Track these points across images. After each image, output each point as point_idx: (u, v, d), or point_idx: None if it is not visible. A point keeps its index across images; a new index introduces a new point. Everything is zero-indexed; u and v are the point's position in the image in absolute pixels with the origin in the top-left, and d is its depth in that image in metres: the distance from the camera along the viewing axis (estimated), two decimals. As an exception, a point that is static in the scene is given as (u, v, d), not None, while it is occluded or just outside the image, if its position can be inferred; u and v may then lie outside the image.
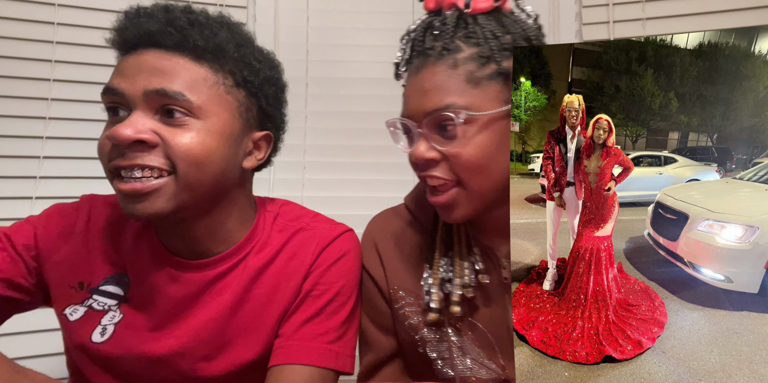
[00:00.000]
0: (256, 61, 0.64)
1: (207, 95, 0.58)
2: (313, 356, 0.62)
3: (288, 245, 0.69)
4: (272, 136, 0.69)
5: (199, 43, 0.58)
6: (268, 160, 0.72)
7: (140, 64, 0.57)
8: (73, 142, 1.11)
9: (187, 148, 0.56)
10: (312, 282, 0.66)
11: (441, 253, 0.65)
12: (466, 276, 0.63)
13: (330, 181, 1.22)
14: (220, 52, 0.60)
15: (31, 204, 1.07)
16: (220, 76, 0.60)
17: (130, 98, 0.56)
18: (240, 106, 0.62)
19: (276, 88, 0.68)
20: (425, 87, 0.56)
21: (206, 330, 0.63)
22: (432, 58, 0.57)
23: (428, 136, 0.57)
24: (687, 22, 1.15)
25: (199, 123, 0.58)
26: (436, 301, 0.62)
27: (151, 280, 0.64)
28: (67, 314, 0.63)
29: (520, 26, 0.59)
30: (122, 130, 0.54)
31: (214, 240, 0.65)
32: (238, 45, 0.62)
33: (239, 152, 0.64)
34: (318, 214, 0.76)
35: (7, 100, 1.08)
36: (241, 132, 0.63)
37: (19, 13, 1.09)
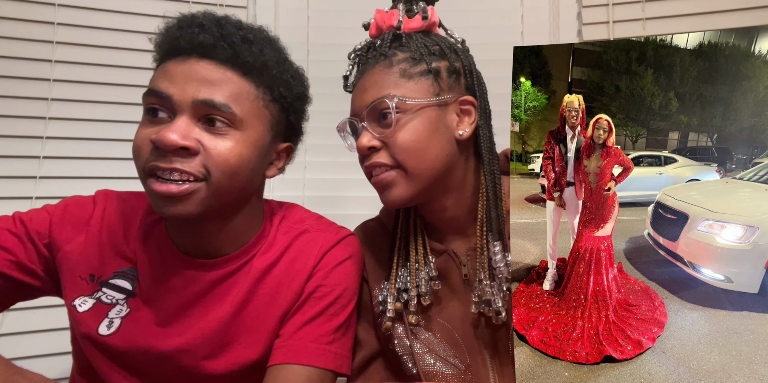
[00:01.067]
0: (292, 78, 0.68)
1: (248, 108, 0.61)
2: (312, 356, 0.63)
3: (292, 247, 0.70)
4: (293, 148, 0.73)
5: (249, 60, 0.61)
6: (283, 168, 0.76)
7: (191, 72, 0.59)
8: (73, 142, 1.11)
9: (225, 158, 0.59)
10: (314, 284, 0.67)
11: (398, 264, 0.69)
12: (422, 286, 0.66)
13: (330, 180, 1.22)
14: (264, 69, 0.63)
15: (31, 205, 1.07)
16: (261, 90, 0.63)
17: (177, 104, 0.58)
18: (273, 119, 0.65)
19: (303, 102, 0.72)
20: (365, 86, 0.65)
21: (210, 328, 0.64)
22: (370, 64, 0.66)
23: (370, 127, 0.64)
24: (687, 22, 1.15)
25: (238, 134, 0.60)
26: (392, 311, 0.67)
27: (159, 276, 0.65)
28: (76, 305, 0.64)
29: (447, 42, 0.67)
30: (169, 134, 0.56)
31: (225, 241, 0.67)
32: (278, 62, 0.65)
33: (265, 162, 0.67)
34: (321, 217, 0.77)
35: (7, 100, 1.08)
36: (270, 144, 0.66)
37: (19, 13, 1.09)
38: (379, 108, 0.62)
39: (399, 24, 0.67)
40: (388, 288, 0.68)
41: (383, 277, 0.71)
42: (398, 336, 0.67)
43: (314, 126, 1.26)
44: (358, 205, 1.15)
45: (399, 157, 0.62)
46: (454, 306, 0.67)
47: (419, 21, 0.68)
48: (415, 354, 0.65)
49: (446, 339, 0.66)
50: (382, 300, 0.68)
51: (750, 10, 1.11)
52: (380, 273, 0.72)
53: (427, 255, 0.69)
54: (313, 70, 1.25)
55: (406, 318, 0.67)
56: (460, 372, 0.64)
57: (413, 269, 0.67)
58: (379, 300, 0.69)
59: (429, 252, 0.69)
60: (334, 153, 1.23)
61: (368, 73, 0.65)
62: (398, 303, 0.67)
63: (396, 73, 0.63)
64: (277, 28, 1.23)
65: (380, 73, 0.64)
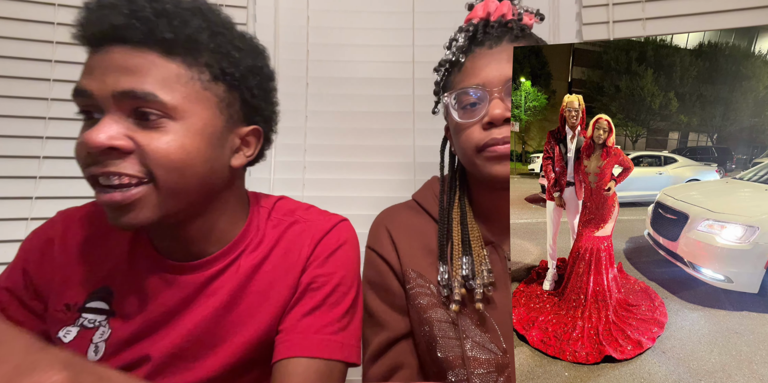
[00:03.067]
0: (236, 50, 0.59)
1: (182, 93, 0.54)
2: (318, 348, 0.60)
3: (282, 240, 0.67)
4: (261, 130, 0.65)
5: (167, 36, 0.52)
6: (261, 155, 0.69)
7: (107, 62, 0.52)
8: (73, 142, 1.11)
9: (164, 154, 0.52)
10: (311, 275, 0.65)
11: (461, 251, 0.70)
12: (485, 277, 0.67)
13: (330, 180, 1.22)
14: (192, 44, 0.54)
15: (31, 204, 1.07)
16: (195, 70, 0.55)
17: (100, 100, 0.52)
18: (220, 101, 0.58)
19: (261, 77, 0.63)
20: (506, 58, 0.66)
21: (200, 330, 0.62)
22: (505, 39, 0.68)
23: (504, 99, 0.65)
24: (687, 22, 1.15)
25: (177, 124, 0.53)
26: (459, 294, 0.67)
27: (139, 287, 0.62)
28: (61, 337, 0.62)
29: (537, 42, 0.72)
30: (93, 135, 0.50)
31: (208, 240, 0.63)
32: (213, 34, 0.57)
33: (225, 151, 0.60)
34: (311, 206, 0.74)
35: (7, 100, 1.08)
36: (225, 129, 0.59)
37: (19, 13, 1.09)
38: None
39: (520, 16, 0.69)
40: (450, 274, 0.69)
41: (425, 261, 0.71)
42: (436, 319, 0.68)
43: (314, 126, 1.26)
44: (359, 205, 1.15)
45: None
46: (494, 296, 0.68)
47: (531, 19, 0.71)
48: (454, 340, 0.66)
49: (484, 326, 0.67)
50: (445, 284, 0.68)
51: (750, 10, 1.11)
52: (419, 256, 0.72)
53: (483, 247, 0.70)
54: (313, 70, 1.25)
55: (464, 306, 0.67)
56: (497, 357, 0.65)
57: (477, 258, 0.69)
58: (442, 284, 0.69)
59: (485, 243, 0.71)
60: (334, 153, 1.23)
61: (505, 47, 0.67)
62: (463, 289, 0.67)
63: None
64: (277, 27, 1.23)
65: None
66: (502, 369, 0.65)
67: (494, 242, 0.71)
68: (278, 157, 1.20)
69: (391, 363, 0.70)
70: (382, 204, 0.85)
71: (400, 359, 0.70)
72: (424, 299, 0.70)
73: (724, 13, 1.13)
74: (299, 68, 1.24)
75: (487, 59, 0.68)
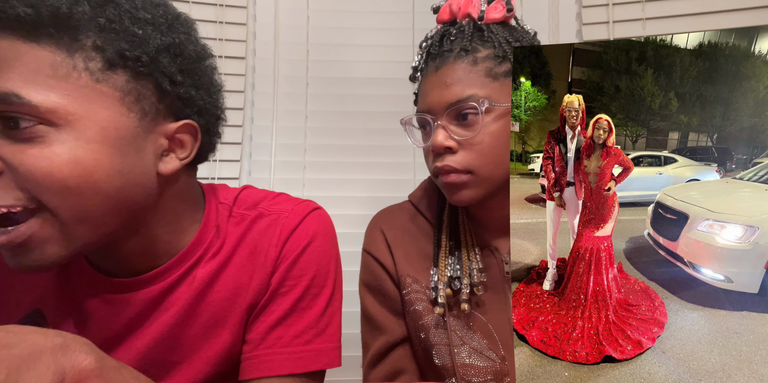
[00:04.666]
0: (138, 24, 0.45)
1: (62, 90, 0.41)
2: (288, 364, 0.54)
3: (246, 238, 0.59)
4: (196, 125, 0.52)
5: (25, 12, 0.38)
6: (204, 154, 0.57)
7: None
8: None
9: (46, 172, 0.40)
10: (279, 279, 0.58)
11: (447, 252, 0.68)
12: (475, 276, 0.66)
13: (330, 180, 1.22)
14: (67, 22, 0.40)
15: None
16: (78, 57, 0.41)
17: None
18: (125, 95, 0.44)
19: (182, 58, 0.49)
20: (447, 81, 0.61)
21: (154, 351, 0.55)
22: (451, 57, 0.61)
23: (446, 126, 0.61)
24: (687, 22, 1.15)
25: (61, 133, 0.41)
26: (443, 297, 0.65)
27: (83, 310, 0.54)
28: None
29: (525, 36, 0.65)
30: None
31: (152, 255, 0.54)
32: (99, 4, 0.42)
33: (145, 157, 0.47)
34: (280, 194, 0.65)
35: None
36: (139, 130, 0.46)
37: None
38: (462, 108, 0.60)
39: (482, 14, 0.61)
40: (438, 275, 0.67)
41: (421, 266, 0.70)
42: (432, 326, 0.66)
43: (314, 126, 1.26)
44: (358, 205, 1.15)
45: (477, 162, 0.60)
46: (490, 300, 0.67)
47: (502, 12, 0.62)
48: (448, 346, 0.65)
49: (481, 332, 0.66)
50: (433, 286, 0.67)
51: (750, 10, 1.11)
52: (415, 261, 0.71)
53: (474, 247, 0.69)
54: (313, 70, 1.25)
55: (450, 307, 0.66)
56: (495, 364, 0.64)
57: (465, 258, 0.67)
58: (431, 286, 0.68)
59: (476, 243, 0.69)
60: (334, 153, 1.23)
61: (449, 68, 0.61)
62: (449, 289, 0.66)
63: (481, 71, 0.60)
64: (277, 27, 1.24)
65: (463, 69, 0.60)
66: (500, 377, 0.63)
67: (491, 246, 0.69)
68: (278, 157, 1.20)
69: (390, 368, 0.69)
70: (381, 204, 0.84)
71: (400, 364, 0.69)
72: (420, 305, 0.68)
73: (724, 13, 1.13)
74: (299, 68, 1.24)
75: (431, 85, 0.63)
